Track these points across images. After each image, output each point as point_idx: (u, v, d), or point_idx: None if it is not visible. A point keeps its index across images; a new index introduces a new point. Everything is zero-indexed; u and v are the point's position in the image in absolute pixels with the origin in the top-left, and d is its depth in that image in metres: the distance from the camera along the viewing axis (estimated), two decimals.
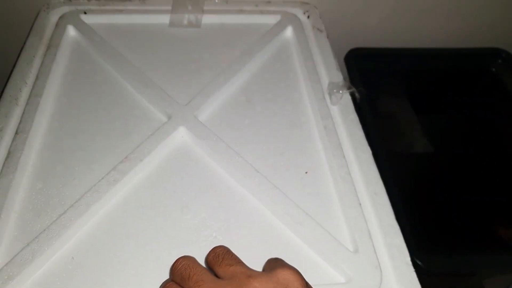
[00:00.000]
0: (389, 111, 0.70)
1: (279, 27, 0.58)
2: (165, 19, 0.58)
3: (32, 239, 0.37)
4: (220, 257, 0.29)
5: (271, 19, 0.60)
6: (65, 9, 0.58)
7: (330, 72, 0.54)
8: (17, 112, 0.47)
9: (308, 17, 0.61)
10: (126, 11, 0.58)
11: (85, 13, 0.57)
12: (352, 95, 0.51)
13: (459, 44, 0.74)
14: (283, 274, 0.26)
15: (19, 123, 0.45)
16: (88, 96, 0.49)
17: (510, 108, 0.69)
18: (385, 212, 0.41)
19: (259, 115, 0.49)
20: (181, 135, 0.46)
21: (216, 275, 0.28)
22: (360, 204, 0.41)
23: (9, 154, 0.42)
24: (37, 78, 0.49)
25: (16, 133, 0.44)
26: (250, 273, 0.26)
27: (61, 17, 0.56)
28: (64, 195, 0.41)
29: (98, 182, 0.41)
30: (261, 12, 0.60)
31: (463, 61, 0.72)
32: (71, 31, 0.55)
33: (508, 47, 0.71)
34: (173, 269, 0.28)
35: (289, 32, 0.59)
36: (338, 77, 0.53)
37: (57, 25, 0.55)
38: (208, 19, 0.59)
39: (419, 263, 0.43)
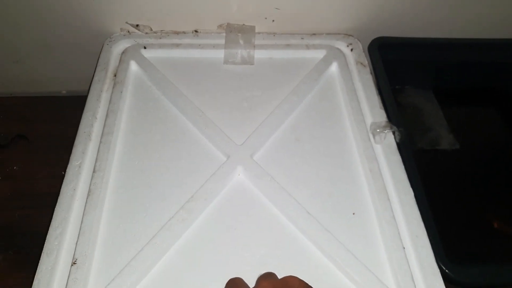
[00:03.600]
0: (413, 104, 0.69)
1: (325, 62, 0.62)
2: (218, 53, 0.63)
3: (117, 273, 0.42)
4: (266, 274, 0.35)
5: (317, 54, 0.63)
6: (125, 42, 0.63)
7: (373, 110, 0.57)
8: (91, 148, 0.52)
9: (352, 50, 0.65)
10: (182, 46, 0.63)
11: (145, 47, 0.62)
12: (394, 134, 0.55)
13: (489, 35, 0.69)
14: (287, 278, 0.31)
15: (96, 161, 0.50)
16: (153, 134, 0.54)
17: None
18: (426, 254, 0.45)
19: (308, 154, 0.53)
20: (238, 174, 0.51)
21: None
22: (404, 248, 0.45)
23: (89, 192, 0.48)
24: (107, 116, 0.54)
25: (94, 171, 0.49)
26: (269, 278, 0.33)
27: (123, 53, 0.61)
28: (138, 230, 0.46)
29: (169, 221, 0.46)
30: (307, 47, 0.64)
31: (493, 53, 0.70)
32: (133, 66, 0.60)
33: None
34: (226, 285, 0.35)
35: (334, 67, 0.62)
36: (381, 116, 0.56)
37: (121, 60, 0.60)
38: (257, 54, 0.63)
39: (449, 272, 0.43)
